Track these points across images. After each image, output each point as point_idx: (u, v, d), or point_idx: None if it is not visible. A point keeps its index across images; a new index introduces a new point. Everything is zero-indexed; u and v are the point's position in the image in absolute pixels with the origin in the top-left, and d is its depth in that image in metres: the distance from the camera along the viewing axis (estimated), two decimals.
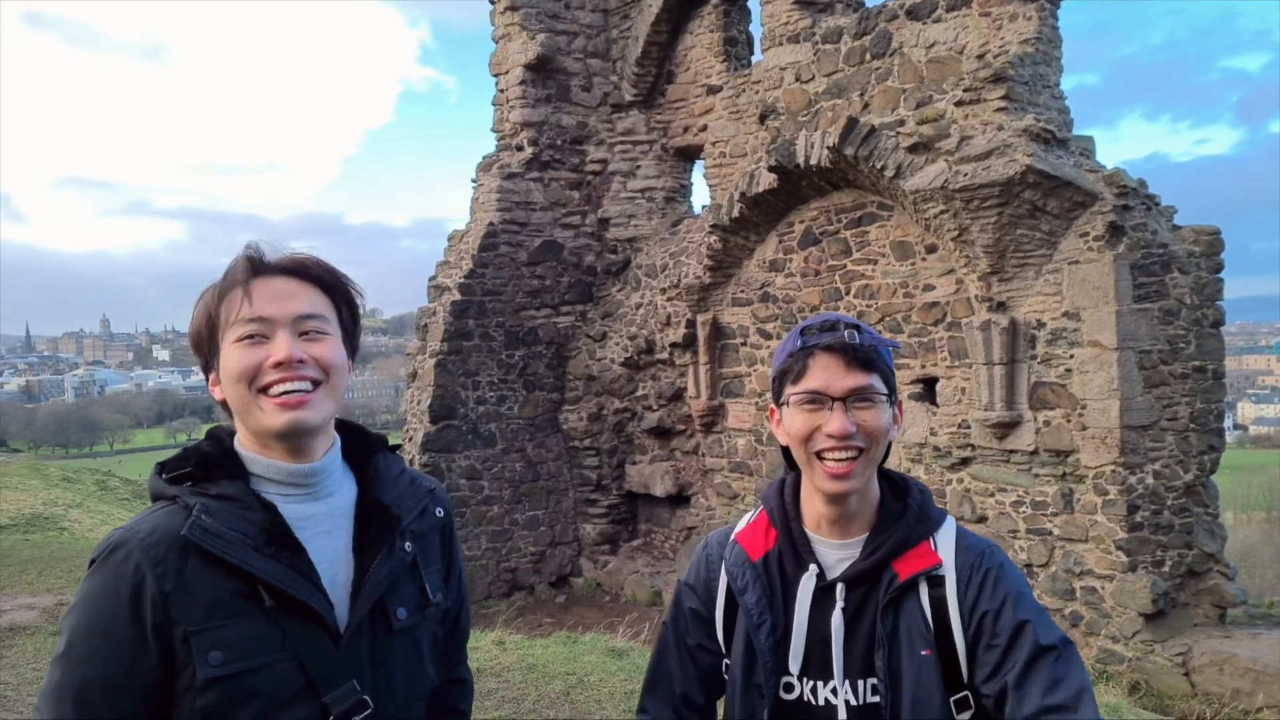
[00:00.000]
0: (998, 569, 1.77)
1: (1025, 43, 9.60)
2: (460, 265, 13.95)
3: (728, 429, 13.03)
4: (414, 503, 1.75)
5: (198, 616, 1.45)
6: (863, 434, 1.73)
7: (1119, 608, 9.00)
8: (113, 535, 1.51)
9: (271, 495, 1.59)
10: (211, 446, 1.62)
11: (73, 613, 1.48)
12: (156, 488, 1.58)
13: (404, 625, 1.67)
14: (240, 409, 1.59)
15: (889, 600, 1.76)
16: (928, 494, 1.88)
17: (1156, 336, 9.12)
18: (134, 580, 1.45)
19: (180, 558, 1.47)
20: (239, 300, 1.58)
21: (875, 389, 1.75)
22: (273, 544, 1.53)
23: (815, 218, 11.64)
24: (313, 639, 1.54)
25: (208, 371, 1.64)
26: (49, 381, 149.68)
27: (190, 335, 1.64)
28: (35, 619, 7.42)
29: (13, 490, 22.47)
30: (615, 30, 14.76)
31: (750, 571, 1.87)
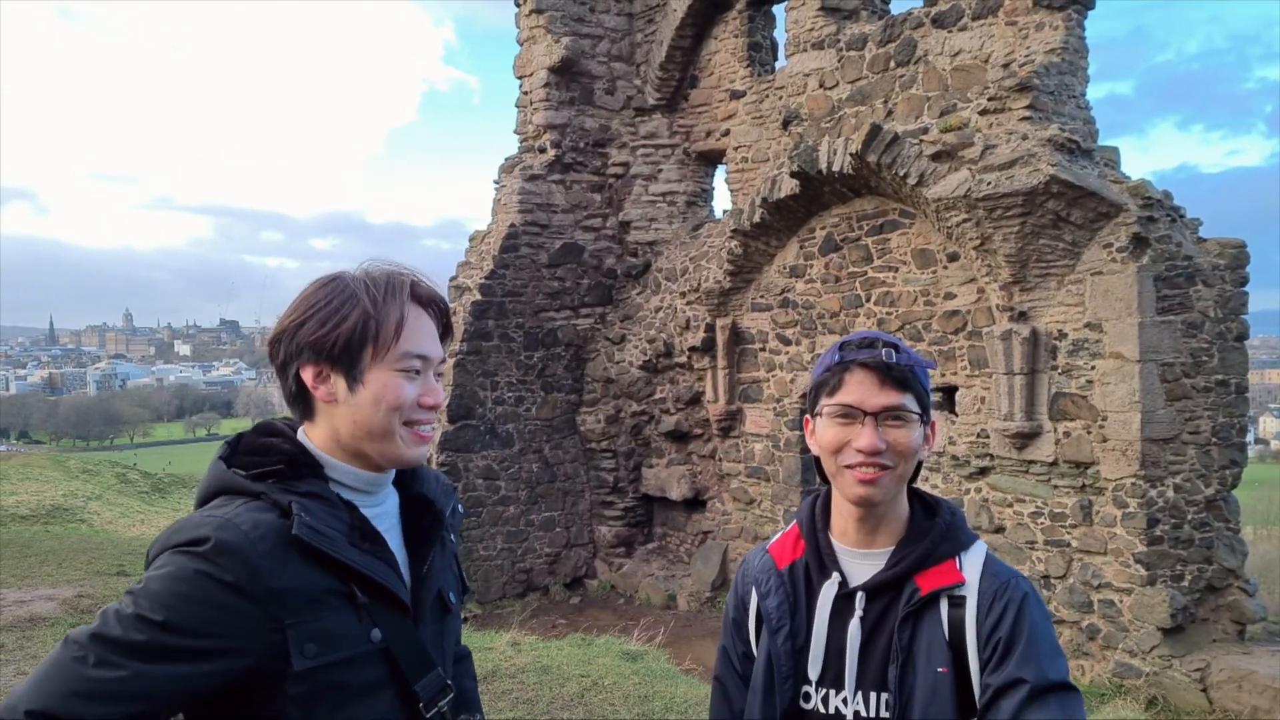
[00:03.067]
0: (1021, 600, 1.75)
1: (1051, 52, 9.55)
2: (481, 266, 14.00)
3: (745, 434, 13.01)
4: (447, 499, 1.82)
5: (298, 610, 1.49)
6: (891, 451, 1.77)
7: (1137, 621, 8.94)
8: (206, 523, 1.48)
9: (347, 496, 1.65)
10: (288, 445, 1.63)
11: (165, 579, 1.44)
12: (232, 482, 1.57)
13: (455, 608, 1.80)
14: (376, 431, 1.62)
15: (908, 613, 1.76)
16: (959, 516, 1.89)
17: (1179, 349, 9.06)
18: (243, 573, 1.45)
19: (284, 553, 1.49)
20: (406, 329, 1.62)
21: (907, 408, 1.79)
22: (366, 540, 1.59)
23: (836, 224, 11.62)
24: (401, 630, 1.60)
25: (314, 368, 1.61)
26: (71, 374, 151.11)
27: (327, 335, 1.58)
28: (55, 610, 7.49)
29: (34, 482, 22.73)
30: (639, 34, 14.79)
31: (774, 578, 1.92)
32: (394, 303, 1.62)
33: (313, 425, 1.66)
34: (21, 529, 15.90)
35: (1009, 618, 1.72)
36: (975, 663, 1.73)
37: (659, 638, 8.42)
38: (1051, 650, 1.72)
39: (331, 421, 1.63)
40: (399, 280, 1.64)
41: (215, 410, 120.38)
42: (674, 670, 6.79)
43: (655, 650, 7.29)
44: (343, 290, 1.61)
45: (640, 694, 5.78)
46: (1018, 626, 1.71)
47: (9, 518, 17.59)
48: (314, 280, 1.66)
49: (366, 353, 1.60)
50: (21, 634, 6.61)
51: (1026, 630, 1.71)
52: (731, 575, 13.17)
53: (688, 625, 11.79)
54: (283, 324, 1.61)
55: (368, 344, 1.60)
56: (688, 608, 12.91)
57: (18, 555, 11.22)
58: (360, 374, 1.60)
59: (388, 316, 1.61)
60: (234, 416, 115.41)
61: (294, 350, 1.59)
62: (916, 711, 1.72)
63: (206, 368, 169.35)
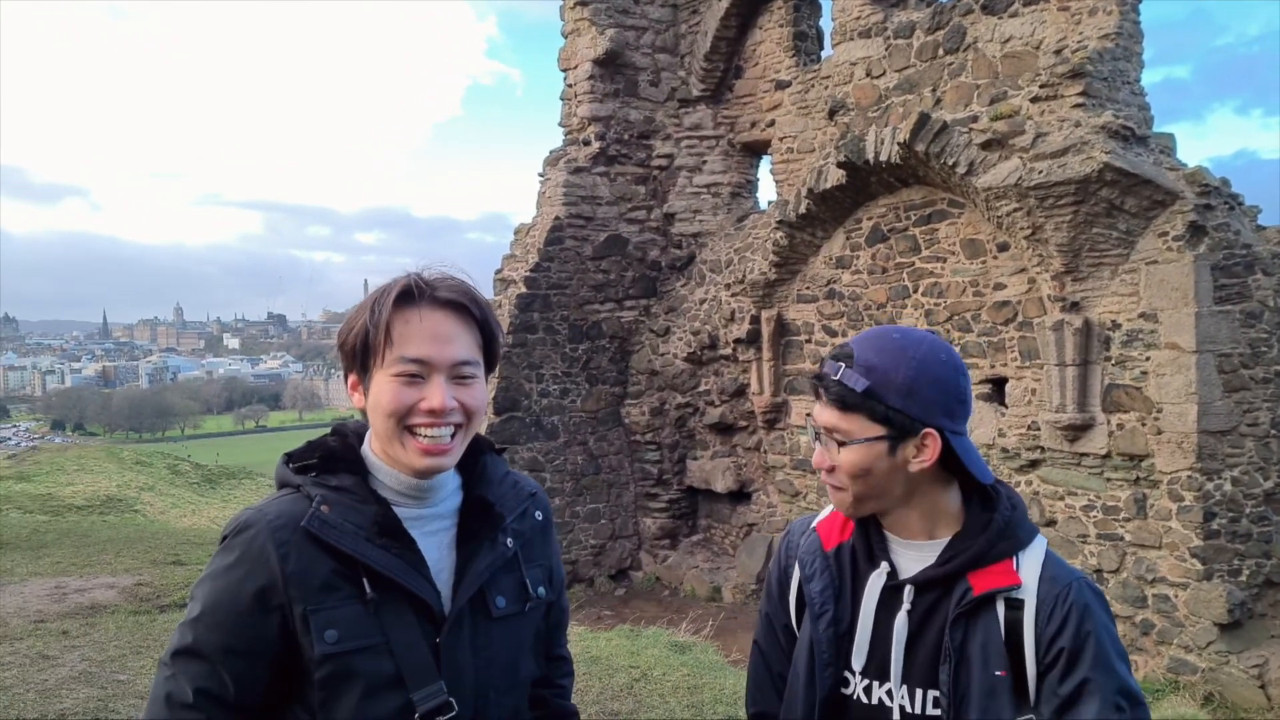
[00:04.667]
0: (1084, 607, 1.68)
1: (1105, 38, 9.39)
2: (526, 259, 14.06)
3: (790, 426, 12.96)
4: (516, 503, 1.80)
5: (313, 597, 1.56)
6: (838, 471, 1.76)
7: (1193, 617, 8.78)
8: (242, 515, 1.61)
9: (386, 494, 1.67)
10: (337, 442, 1.72)
11: (204, 583, 1.59)
12: (283, 476, 1.68)
13: (502, 614, 1.72)
14: (384, 436, 1.65)
15: (960, 613, 1.71)
16: (1020, 510, 1.80)
17: (1237, 339, 8.87)
18: (260, 558, 1.56)
19: (300, 541, 1.57)
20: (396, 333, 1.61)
21: (843, 430, 1.73)
22: (384, 535, 1.61)
23: (884, 214, 11.52)
24: (408, 632, 1.60)
25: (349, 375, 1.70)
26: (124, 367, 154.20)
27: (344, 341, 1.67)
28: (115, 598, 7.64)
29: (89, 473, 23.24)
30: (684, 25, 14.74)
31: (820, 560, 1.87)
32: (383, 307, 1.61)
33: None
34: (79, 519, 16.26)
35: (1071, 625, 1.66)
36: (1032, 667, 1.67)
37: (706, 630, 8.41)
38: (1119, 657, 1.67)
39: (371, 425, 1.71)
40: (394, 283, 1.64)
41: (263, 403, 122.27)
42: (722, 662, 6.78)
43: (703, 642, 7.28)
44: (369, 297, 1.66)
45: (689, 685, 5.78)
46: (1081, 633, 1.66)
47: (66, 508, 18.01)
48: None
49: (372, 359, 1.64)
50: (85, 621, 6.76)
51: (1094, 638, 1.66)
52: None
53: (734, 618, 11.78)
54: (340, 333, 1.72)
55: (375, 350, 1.62)
56: (733, 600, 12.89)
57: (77, 544, 11.47)
58: (369, 379, 1.65)
59: (379, 321, 1.61)
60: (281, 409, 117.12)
61: (344, 357, 1.68)
62: (973, 713, 1.67)
63: (255, 361, 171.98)
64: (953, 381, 1.74)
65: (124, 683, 5.30)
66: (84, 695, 5.04)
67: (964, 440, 1.77)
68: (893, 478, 1.73)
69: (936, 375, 1.72)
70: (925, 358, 1.72)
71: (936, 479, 1.78)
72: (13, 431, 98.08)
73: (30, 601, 7.51)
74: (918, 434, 1.71)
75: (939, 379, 1.72)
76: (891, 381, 1.70)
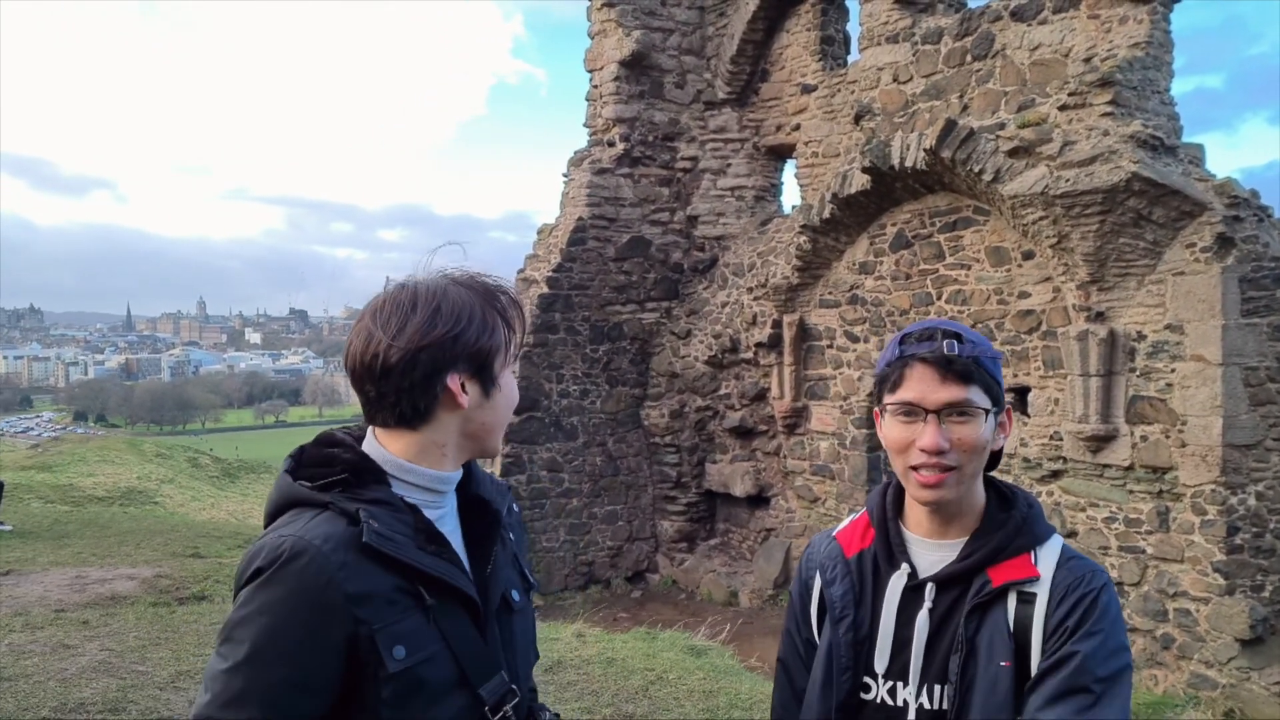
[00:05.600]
0: (1094, 595, 1.69)
1: (1135, 46, 9.31)
2: (548, 259, 14.08)
3: (811, 431, 12.91)
4: (503, 499, 1.85)
5: (380, 615, 1.53)
6: (957, 450, 1.71)
7: (1214, 632, 8.69)
8: (280, 544, 1.52)
9: (411, 499, 1.67)
10: (350, 454, 1.67)
11: (250, 622, 1.50)
12: (298, 494, 1.61)
13: (519, 607, 1.80)
14: (496, 430, 1.75)
15: (975, 605, 1.72)
16: (1036, 509, 1.82)
17: (1264, 353, 8.77)
18: (321, 586, 1.50)
19: (357, 561, 1.53)
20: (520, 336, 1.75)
21: (972, 402, 1.71)
22: (432, 542, 1.63)
23: (908, 220, 11.47)
24: (464, 631, 1.63)
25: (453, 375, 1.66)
26: (147, 360, 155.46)
27: (485, 345, 1.66)
28: (135, 589, 7.71)
29: (110, 465, 23.47)
30: (710, 28, 14.73)
31: (840, 566, 1.88)
32: (515, 312, 1.72)
33: (404, 432, 1.67)
34: (100, 510, 16.41)
35: (1081, 607, 1.68)
36: (1037, 658, 1.68)
37: (723, 634, 8.40)
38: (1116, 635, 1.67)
39: (454, 426, 1.69)
40: (510, 291, 1.74)
41: (284, 398, 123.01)
42: (738, 666, 6.77)
43: (720, 646, 7.28)
44: (468, 303, 1.66)
45: (705, 689, 5.77)
46: (1089, 612, 1.67)
47: (87, 499, 18.18)
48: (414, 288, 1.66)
49: (499, 359, 1.70)
50: (105, 611, 6.82)
51: (1097, 613, 1.67)
52: (794, 573, 13.10)
53: (750, 622, 11.75)
54: (427, 337, 1.61)
55: (501, 352, 1.70)
56: (750, 605, 12.86)
57: (97, 535, 11.57)
58: (495, 378, 1.70)
59: (515, 326, 1.72)
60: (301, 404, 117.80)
61: (446, 361, 1.63)
62: (976, 703, 1.68)
63: (276, 356, 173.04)
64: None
65: (143, 673, 5.34)
66: (103, 685, 5.08)
67: None
68: (985, 456, 1.78)
69: (996, 355, 1.81)
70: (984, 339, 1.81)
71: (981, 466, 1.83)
72: (35, 422, 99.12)
73: (51, 591, 7.59)
74: (1003, 409, 1.78)
75: (998, 359, 1.81)
76: (984, 354, 1.76)
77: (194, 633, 6.25)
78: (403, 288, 1.66)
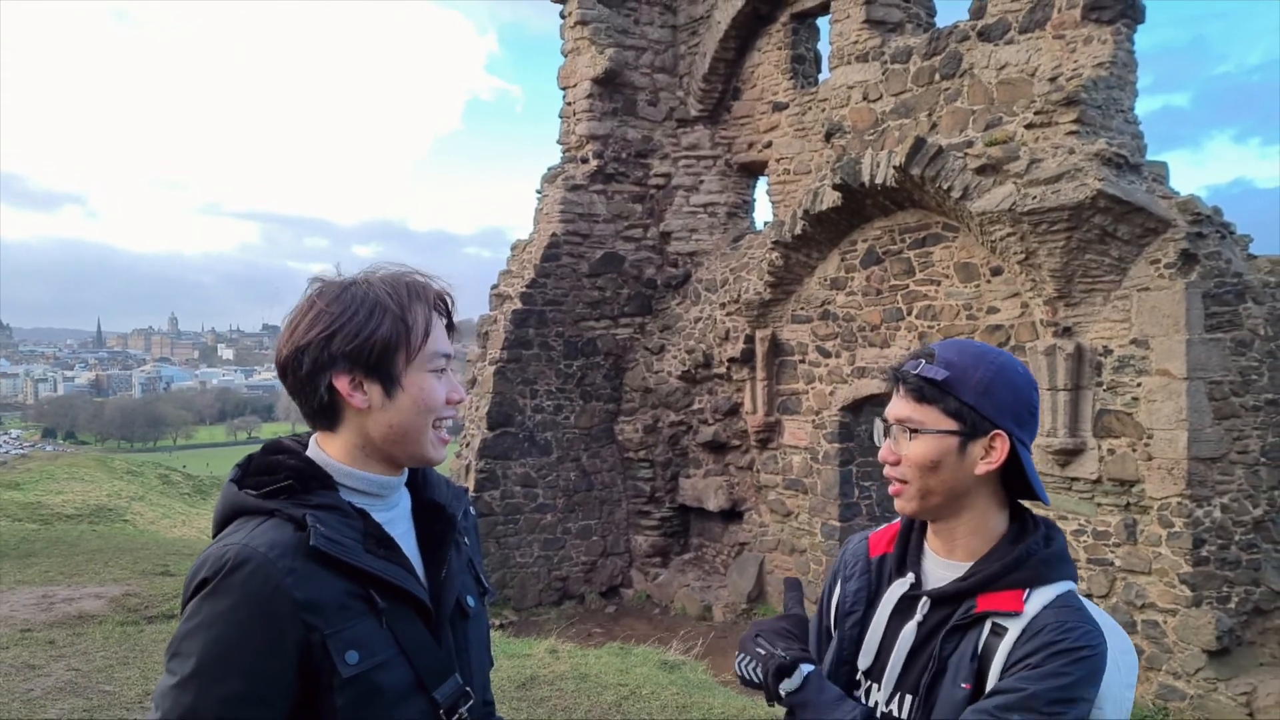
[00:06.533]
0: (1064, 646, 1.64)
1: (1099, 66, 9.47)
2: (522, 274, 14.10)
3: (783, 445, 12.97)
4: (458, 503, 1.83)
5: (331, 620, 1.51)
6: (905, 465, 1.78)
7: (1181, 643, 8.79)
8: (223, 554, 1.50)
9: (358, 504, 1.65)
10: (297, 461, 1.65)
11: (197, 634, 1.47)
12: (244, 503, 1.59)
13: (474, 613, 1.79)
14: (411, 434, 1.66)
15: (954, 626, 1.75)
16: (1056, 549, 1.78)
17: (1228, 367, 8.92)
18: (268, 593, 1.47)
19: (305, 566, 1.51)
20: (433, 330, 1.67)
21: (916, 420, 1.77)
22: (381, 546, 1.61)
23: (879, 236, 11.58)
24: (418, 635, 1.62)
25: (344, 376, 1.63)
26: (117, 376, 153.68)
27: (364, 343, 1.60)
28: (103, 608, 7.63)
29: (80, 481, 23.14)
30: (683, 46, 14.85)
31: (862, 564, 1.95)
32: (420, 306, 1.66)
33: (333, 436, 1.66)
34: (68, 528, 16.19)
35: (1050, 650, 1.64)
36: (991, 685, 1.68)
37: (696, 649, 8.41)
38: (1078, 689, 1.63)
39: (362, 429, 1.65)
40: (418, 284, 1.68)
41: (256, 414, 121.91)
42: (711, 681, 6.79)
43: (693, 661, 7.29)
44: (366, 298, 1.62)
45: (678, 704, 5.78)
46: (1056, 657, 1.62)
47: (56, 516, 17.93)
48: (319, 287, 1.65)
49: (400, 357, 1.63)
50: (72, 630, 6.74)
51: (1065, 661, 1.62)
52: (768, 588, 13.17)
53: (724, 636, 11.76)
54: (306, 336, 1.59)
55: (400, 349, 1.63)
56: (724, 619, 12.87)
57: (65, 553, 11.43)
58: (396, 378, 1.63)
59: (416, 320, 1.64)
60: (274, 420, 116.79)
61: (326, 360, 1.59)
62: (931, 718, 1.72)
63: (248, 371, 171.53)
64: (1026, 391, 1.80)
65: (110, 693, 5.29)
66: (70, 705, 5.03)
67: (1029, 455, 1.80)
68: (958, 477, 1.77)
69: (1012, 381, 1.78)
70: (1005, 364, 1.80)
71: (993, 495, 1.81)
72: (3, 439, 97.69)
73: (17, 610, 7.49)
74: (987, 434, 1.76)
75: (1014, 385, 1.78)
76: (969, 378, 1.76)
77: (162, 651, 6.19)
78: (315, 286, 1.65)
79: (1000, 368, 1.79)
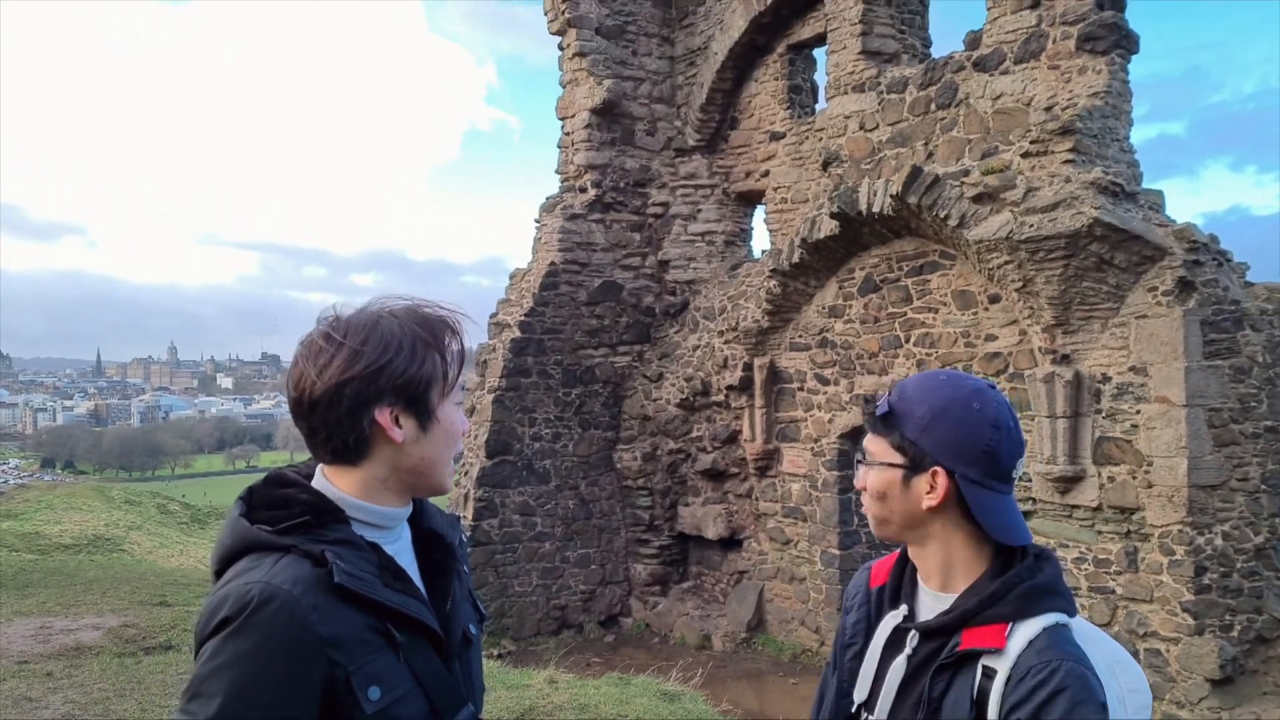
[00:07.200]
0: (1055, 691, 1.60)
1: (1094, 96, 9.55)
2: (521, 303, 14.13)
3: (782, 473, 12.95)
4: (454, 531, 1.84)
5: (354, 655, 1.51)
6: (864, 492, 1.85)
7: (1184, 672, 8.74)
8: (246, 592, 1.48)
9: (369, 537, 1.65)
10: (308, 495, 1.64)
11: (220, 675, 1.45)
12: (256, 538, 1.57)
13: (475, 639, 1.81)
14: (438, 465, 1.69)
15: (943, 665, 1.72)
16: (1043, 581, 1.73)
17: (1227, 394, 8.93)
18: (295, 631, 1.47)
19: (327, 603, 1.50)
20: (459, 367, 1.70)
21: (870, 451, 1.84)
22: (396, 579, 1.61)
23: (876, 265, 11.62)
24: (433, 666, 1.63)
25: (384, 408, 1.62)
26: (116, 406, 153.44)
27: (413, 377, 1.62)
28: (101, 639, 7.58)
29: (78, 511, 23.06)
30: (680, 77, 14.97)
31: (862, 595, 1.96)
32: (453, 341, 1.68)
33: (349, 469, 1.65)
34: (66, 558, 16.12)
35: (1033, 703, 1.59)
36: None
37: (696, 678, 8.35)
38: None
39: (393, 462, 1.65)
40: (448, 319, 1.70)
41: (255, 443, 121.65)
42: (711, 711, 6.74)
43: (692, 691, 7.24)
44: (405, 333, 1.63)
45: None
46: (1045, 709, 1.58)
47: (54, 547, 17.85)
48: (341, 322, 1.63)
49: (435, 391, 1.65)
50: (69, 663, 6.70)
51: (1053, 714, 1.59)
52: (767, 616, 13.11)
53: (723, 666, 11.69)
54: (349, 371, 1.58)
55: (437, 383, 1.65)
56: (723, 648, 12.80)
57: (63, 584, 11.37)
58: (432, 412, 1.66)
59: (452, 355, 1.68)
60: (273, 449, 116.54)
61: (372, 395, 1.59)
62: None
63: (247, 400, 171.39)
64: (976, 429, 1.74)
65: None
66: None
67: (986, 494, 1.74)
68: (906, 509, 1.79)
69: (958, 418, 1.74)
70: (954, 399, 1.75)
71: (959, 527, 1.77)
72: (1, 469, 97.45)
73: (14, 642, 7.45)
74: (927, 470, 1.75)
75: (961, 422, 1.74)
76: (912, 413, 1.78)
77: (159, 683, 6.15)
78: (335, 321, 1.63)
79: (950, 403, 1.75)
